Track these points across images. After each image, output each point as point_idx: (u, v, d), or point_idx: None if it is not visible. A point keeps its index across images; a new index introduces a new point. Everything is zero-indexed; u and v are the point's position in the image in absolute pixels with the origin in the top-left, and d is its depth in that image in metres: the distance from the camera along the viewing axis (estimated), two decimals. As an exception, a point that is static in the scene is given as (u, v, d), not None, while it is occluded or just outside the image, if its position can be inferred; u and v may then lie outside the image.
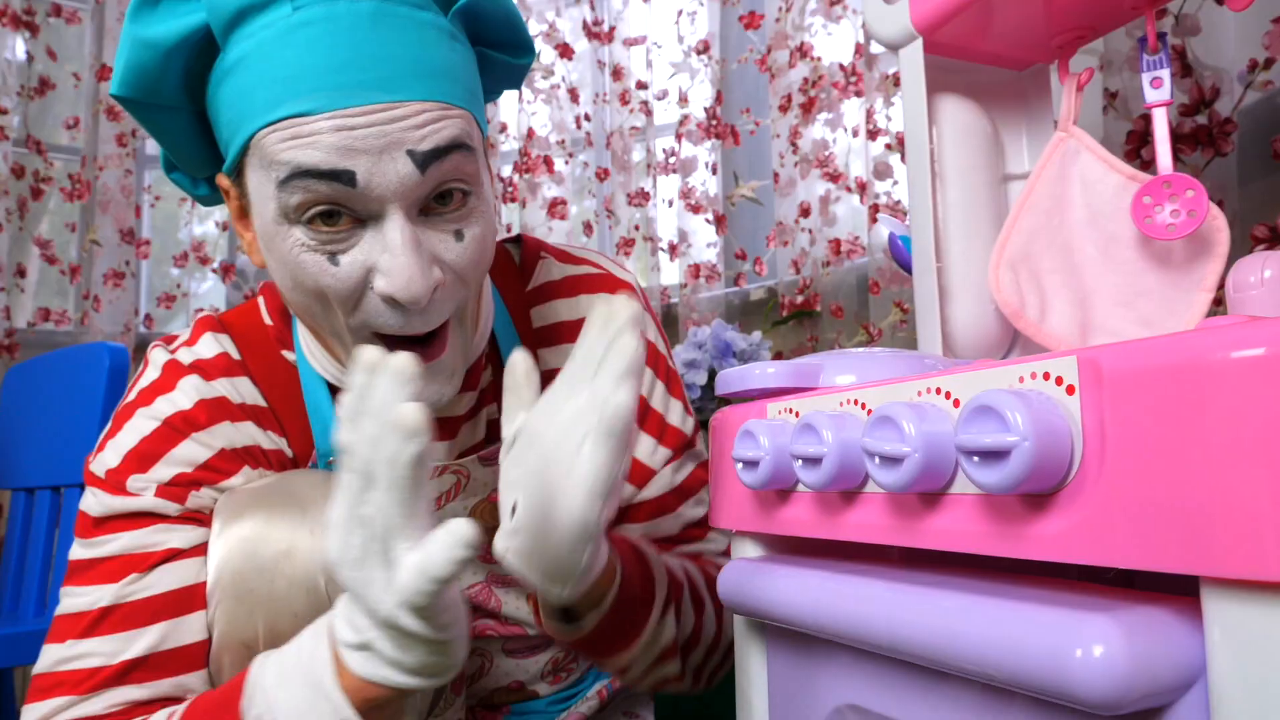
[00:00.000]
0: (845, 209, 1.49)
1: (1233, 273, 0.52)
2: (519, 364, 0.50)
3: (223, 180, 0.56)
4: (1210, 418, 0.26)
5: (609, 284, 0.69)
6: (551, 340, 0.68)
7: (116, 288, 1.88)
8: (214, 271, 2.00)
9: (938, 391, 0.36)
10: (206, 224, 2.04)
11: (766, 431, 0.43)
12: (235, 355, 0.62)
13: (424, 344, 0.53)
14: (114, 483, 0.58)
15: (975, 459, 0.31)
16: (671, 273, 1.78)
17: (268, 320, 0.64)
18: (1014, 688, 0.29)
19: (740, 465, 0.45)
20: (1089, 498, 0.29)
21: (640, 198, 1.80)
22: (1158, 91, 0.57)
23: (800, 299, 1.54)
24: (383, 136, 0.47)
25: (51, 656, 0.56)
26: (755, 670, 0.49)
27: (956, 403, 0.35)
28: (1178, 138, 0.84)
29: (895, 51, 0.67)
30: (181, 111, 0.53)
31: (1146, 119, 0.84)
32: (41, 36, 1.87)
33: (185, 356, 0.61)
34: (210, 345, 0.62)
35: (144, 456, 0.58)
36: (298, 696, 0.46)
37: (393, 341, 0.52)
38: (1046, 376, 0.31)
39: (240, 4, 0.48)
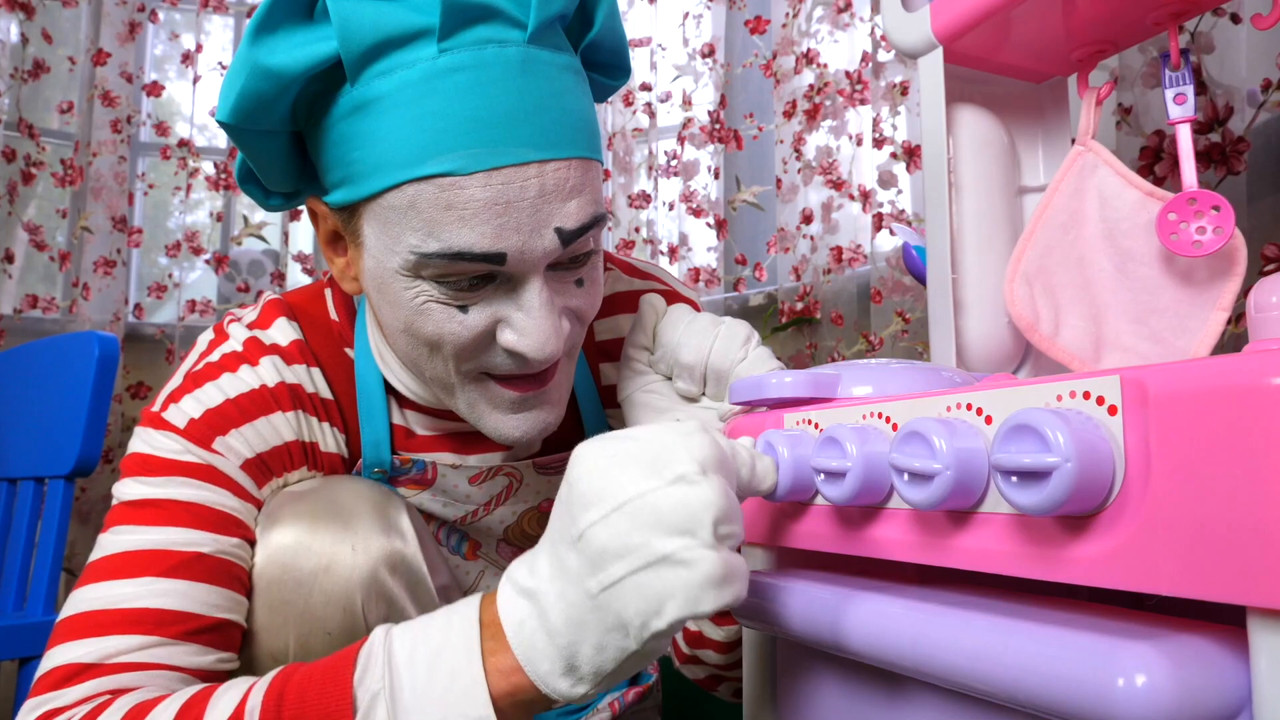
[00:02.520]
0: (847, 217, 1.49)
1: (1254, 293, 0.52)
2: (660, 304, 0.58)
3: (317, 205, 0.54)
4: (1258, 443, 0.25)
5: (674, 300, 0.68)
6: (613, 355, 0.67)
7: (106, 276, 1.86)
8: (206, 262, 1.98)
9: (968, 407, 0.35)
10: (199, 214, 2.01)
11: (786, 442, 0.42)
12: (306, 344, 0.60)
13: (535, 377, 0.53)
14: (196, 434, 0.54)
15: (1013, 479, 0.30)
16: (670, 276, 1.77)
17: (333, 315, 0.62)
18: (1048, 714, 0.29)
19: (756, 476, 0.44)
20: (1130, 522, 0.28)
21: (641, 200, 1.79)
22: (1181, 107, 0.56)
23: (800, 306, 1.54)
24: (535, 214, 0.47)
25: (111, 592, 0.49)
26: (765, 685, 0.48)
27: (989, 419, 0.34)
28: (1188, 155, 0.84)
29: (913, 60, 0.66)
30: (280, 135, 0.51)
31: (1160, 135, 0.84)
32: (37, 19, 1.85)
33: (263, 339, 0.59)
34: (285, 330, 0.60)
35: (228, 417, 0.55)
36: (429, 676, 0.39)
37: (504, 378, 0.52)
38: (1087, 396, 0.30)
39: (380, 38, 0.45)
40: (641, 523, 0.35)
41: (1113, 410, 0.29)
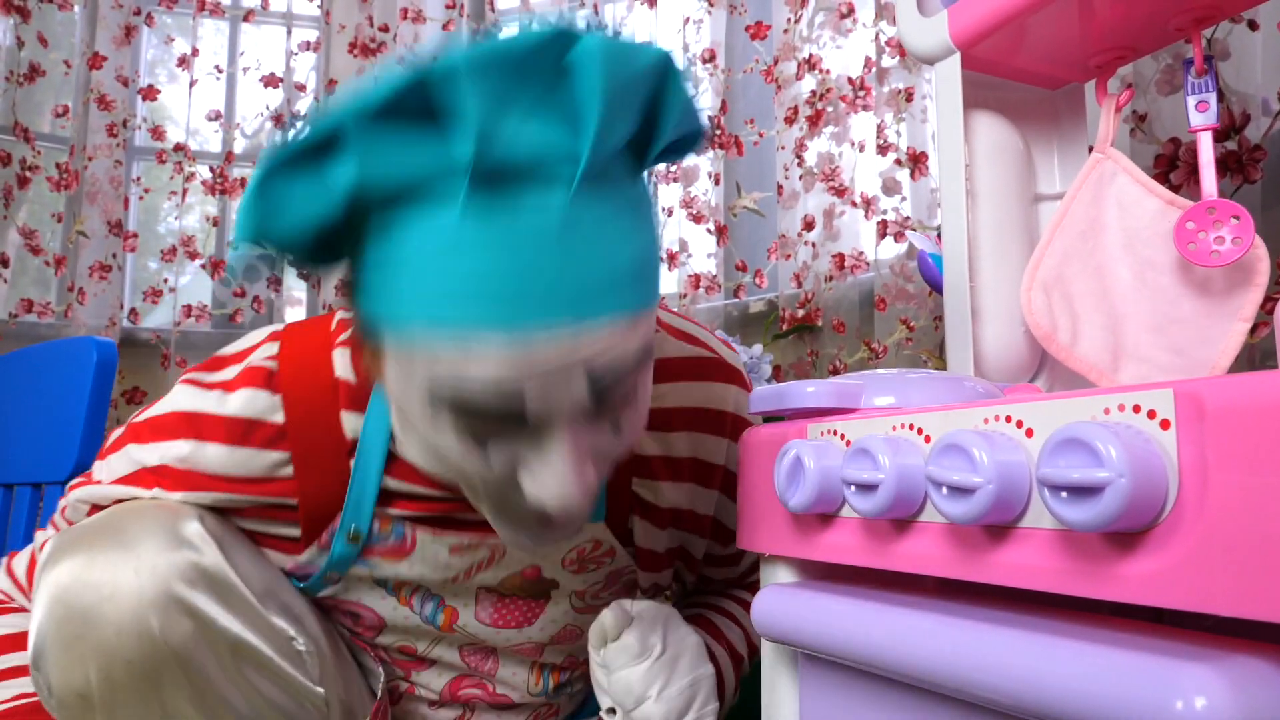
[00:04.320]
0: (849, 224, 1.48)
1: (1280, 303, 0.51)
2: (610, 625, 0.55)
3: (347, 310, 0.49)
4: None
5: (720, 371, 0.64)
6: (654, 425, 0.61)
7: (102, 280, 1.84)
8: (202, 267, 1.96)
9: (1007, 419, 0.34)
10: (193, 217, 2.00)
11: (812, 453, 0.41)
12: (278, 421, 0.56)
13: None
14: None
15: (1062, 494, 0.29)
16: (670, 282, 1.76)
17: (341, 375, 0.57)
18: (1099, 739, 0.28)
19: (781, 487, 0.43)
20: (1185, 539, 0.28)
21: (641, 205, 1.79)
22: (1203, 115, 0.56)
23: (801, 313, 1.53)
24: (561, 359, 0.41)
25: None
26: (786, 701, 0.47)
27: (1030, 432, 0.33)
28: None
29: (920, 66, 0.65)
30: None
31: (1175, 142, 0.84)
32: (33, 22, 1.83)
33: (214, 412, 0.56)
34: (247, 404, 0.56)
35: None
36: None
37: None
38: (1137, 409, 0.29)
39: (401, 187, 0.40)
40: None
41: (1165, 424, 0.28)
